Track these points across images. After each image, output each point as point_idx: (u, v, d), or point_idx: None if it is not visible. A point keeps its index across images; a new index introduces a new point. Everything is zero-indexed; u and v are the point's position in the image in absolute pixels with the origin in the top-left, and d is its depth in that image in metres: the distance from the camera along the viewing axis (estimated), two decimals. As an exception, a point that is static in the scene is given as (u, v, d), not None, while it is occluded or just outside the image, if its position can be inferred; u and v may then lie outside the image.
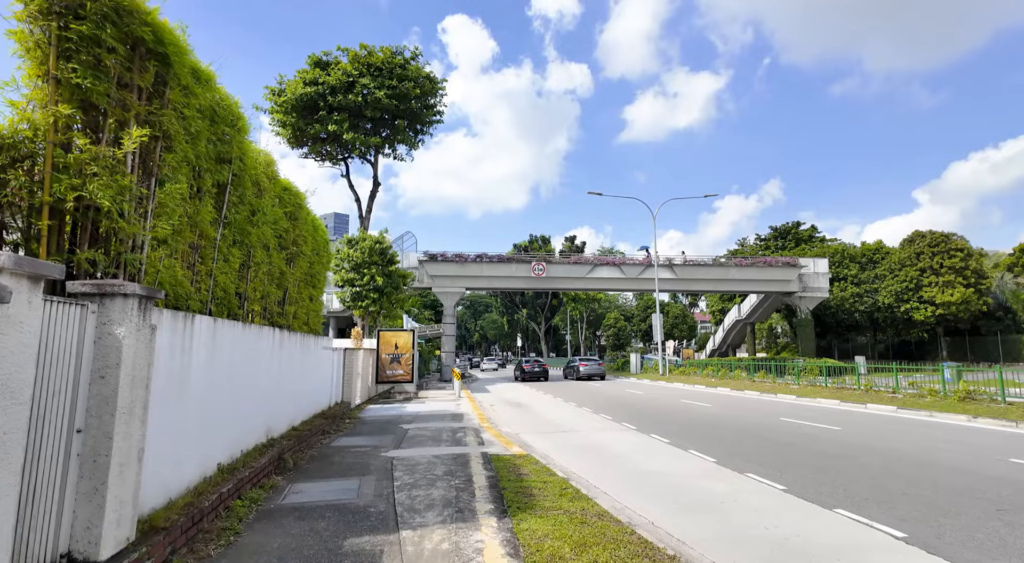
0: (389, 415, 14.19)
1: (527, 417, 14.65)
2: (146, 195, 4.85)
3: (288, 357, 9.44)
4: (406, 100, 29.20)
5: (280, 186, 9.10)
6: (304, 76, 28.31)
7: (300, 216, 10.15)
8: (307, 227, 10.73)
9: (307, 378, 11.06)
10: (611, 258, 36.03)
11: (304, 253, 10.77)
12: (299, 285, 10.88)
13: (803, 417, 13.60)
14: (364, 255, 26.18)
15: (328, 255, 13.29)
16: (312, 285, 12.10)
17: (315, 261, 11.84)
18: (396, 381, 19.36)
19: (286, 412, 9.41)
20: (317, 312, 13.20)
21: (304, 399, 10.85)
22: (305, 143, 31.05)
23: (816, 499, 6.23)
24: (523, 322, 79.62)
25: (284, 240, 9.47)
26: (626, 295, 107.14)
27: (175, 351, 5.05)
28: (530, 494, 6.11)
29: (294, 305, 10.59)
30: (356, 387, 16.20)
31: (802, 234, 50.44)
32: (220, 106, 6.23)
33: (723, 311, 57.98)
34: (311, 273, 11.81)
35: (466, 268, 34.64)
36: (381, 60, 28.74)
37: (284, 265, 9.47)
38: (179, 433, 5.16)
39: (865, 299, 40.13)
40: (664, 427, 12.09)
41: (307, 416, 11.04)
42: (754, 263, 37.01)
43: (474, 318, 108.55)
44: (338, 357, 14.49)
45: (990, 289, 37.70)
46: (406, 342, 19.57)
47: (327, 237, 12.89)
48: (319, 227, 12.09)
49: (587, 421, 13.50)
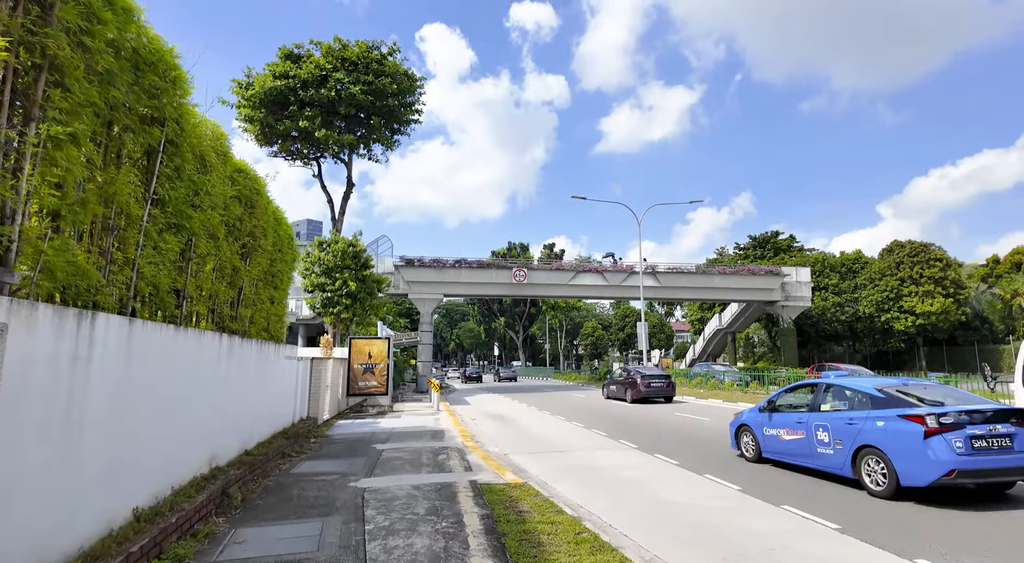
0: (361, 432, 12.77)
1: (514, 433, 13.37)
2: (22, 144, 3.51)
3: (241, 368, 8.03)
4: (382, 97, 27.85)
5: (233, 166, 7.75)
6: (274, 69, 26.77)
7: (258, 204, 8.78)
8: (267, 218, 9.36)
9: (265, 392, 9.63)
10: (593, 265, 35.08)
11: (263, 248, 9.38)
12: (257, 285, 9.48)
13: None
14: (336, 259, 24.69)
15: (293, 253, 11.88)
16: (274, 286, 10.70)
17: (277, 258, 10.45)
18: (369, 393, 17.89)
19: (237, 433, 7.99)
20: (280, 317, 11.78)
21: (261, 416, 9.42)
22: (274, 141, 29.40)
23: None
24: (500, 331, 78.33)
25: (238, 230, 8.10)
26: (603, 304, 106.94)
27: (62, 362, 3.68)
28: (538, 543, 4.85)
29: (251, 308, 9.18)
30: (324, 401, 14.73)
31: (781, 244, 50.34)
32: (147, 49, 4.90)
33: (702, 320, 57.57)
34: (272, 272, 10.42)
35: (444, 274, 33.27)
36: (356, 54, 27.37)
37: (238, 260, 8.09)
38: (70, 474, 3.78)
39: (846, 308, 39.94)
40: (667, 445, 10.95)
41: (265, 436, 9.59)
42: (737, 271, 36.45)
43: (450, 327, 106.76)
44: (304, 368, 13.03)
45: (968, 299, 37.81)
46: (380, 351, 18.13)
47: (292, 232, 11.49)
48: (282, 220, 10.71)
49: (581, 438, 12.29)
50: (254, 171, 8.64)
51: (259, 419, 9.22)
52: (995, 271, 41.50)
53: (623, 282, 35.17)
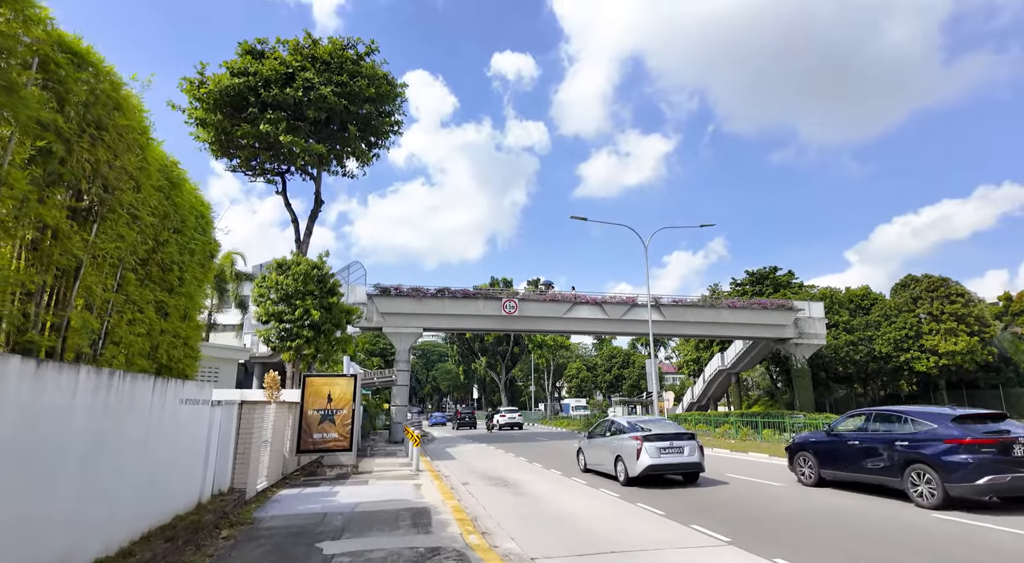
0: (307, 514, 8.65)
1: (531, 512, 9.35)
2: None
3: (58, 421, 4.10)
4: (358, 101, 24.49)
5: (54, 37, 4.06)
6: (232, 66, 23.28)
7: (124, 137, 5.04)
8: (145, 171, 5.59)
9: (132, 458, 5.60)
10: (592, 296, 31.52)
11: (140, 217, 5.57)
12: (125, 276, 5.61)
13: (957, 509, 8.87)
14: (297, 283, 20.71)
15: (207, 243, 8.01)
16: (168, 287, 6.78)
17: (171, 241, 6.59)
18: (327, 449, 13.66)
19: (34, 545, 3.96)
20: (188, 341, 7.84)
21: (120, 501, 5.36)
22: (233, 151, 25.67)
23: None
24: (480, 372, 73.75)
25: (70, 171, 4.34)
26: (586, 344, 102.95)
27: None
28: None
29: (108, 315, 5.33)
30: (260, 463, 10.56)
31: (780, 279, 47.57)
32: None
33: (697, 361, 54.09)
34: (165, 263, 6.54)
35: (424, 304, 29.32)
36: (328, 52, 24.13)
37: (66, 225, 4.30)
38: None
39: (860, 347, 36.84)
40: (761, 532, 7.11)
41: (128, 536, 5.48)
42: (748, 306, 33.28)
43: (426, 368, 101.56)
44: (226, 417, 8.95)
45: (993, 338, 35.11)
46: (344, 393, 14.02)
47: (206, 204, 7.67)
48: (184, 185, 6.92)
49: (633, 520, 8.36)
50: (118, 74, 4.93)
51: (115, 506, 5.16)
52: (1010, 309, 39.16)
53: (624, 316, 31.63)
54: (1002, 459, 8.44)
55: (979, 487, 8.34)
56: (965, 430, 8.85)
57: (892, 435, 9.78)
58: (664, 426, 12.54)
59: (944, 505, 8.65)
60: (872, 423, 10.37)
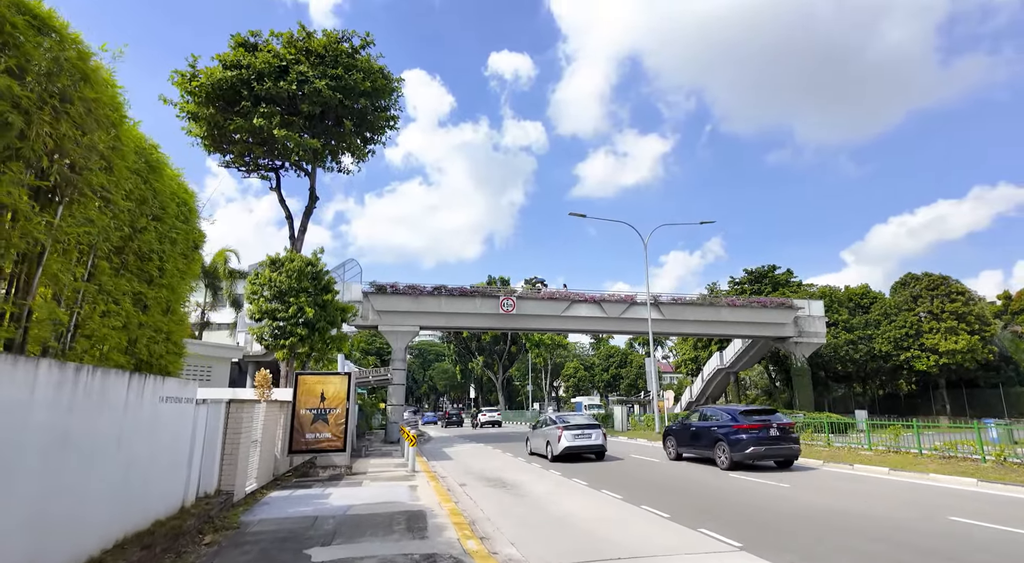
0: (297, 517, 8.27)
1: (530, 513, 8.99)
2: None
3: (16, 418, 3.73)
4: (353, 95, 24.07)
5: None
6: (225, 59, 22.83)
7: (92, 112, 4.66)
8: (119, 151, 5.20)
9: (110, 459, 5.21)
10: (591, 294, 31.15)
11: (113, 201, 5.20)
12: (97, 264, 5.23)
13: (970, 512, 8.57)
14: (291, 280, 20.36)
15: (194, 233, 7.63)
16: (147, 277, 6.40)
17: (150, 228, 6.21)
18: (320, 449, 13.26)
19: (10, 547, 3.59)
20: (171, 336, 7.46)
21: (96, 503, 4.99)
22: (226, 147, 25.23)
23: None
24: (478, 372, 73.37)
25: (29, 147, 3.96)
26: (583, 343, 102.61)
27: None
28: None
29: (79, 305, 4.96)
30: (250, 464, 10.17)
31: (779, 278, 47.32)
32: None
33: (695, 360, 53.86)
34: (143, 252, 6.15)
35: (421, 302, 28.92)
36: (323, 44, 23.71)
37: (26, 205, 3.93)
38: None
39: (860, 346, 36.57)
40: (779, 540, 6.78)
41: (100, 541, 5.08)
42: (747, 304, 32.98)
43: (423, 368, 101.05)
44: (212, 416, 8.57)
45: (994, 337, 34.87)
46: (338, 392, 13.62)
47: (189, 191, 7.29)
48: (164, 170, 6.54)
49: (638, 523, 8.00)
50: (78, 35, 4.54)
51: (83, 511, 4.77)
52: (1010, 308, 38.95)
53: (623, 314, 31.29)
54: (762, 437, 13.44)
55: (746, 454, 13.32)
56: (742, 419, 13.92)
57: (709, 424, 14.90)
58: (580, 419, 17.62)
59: (731, 468, 13.65)
60: (702, 418, 15.61)
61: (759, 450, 13.19)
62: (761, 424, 13.55)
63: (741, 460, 13.41)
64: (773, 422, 13.65)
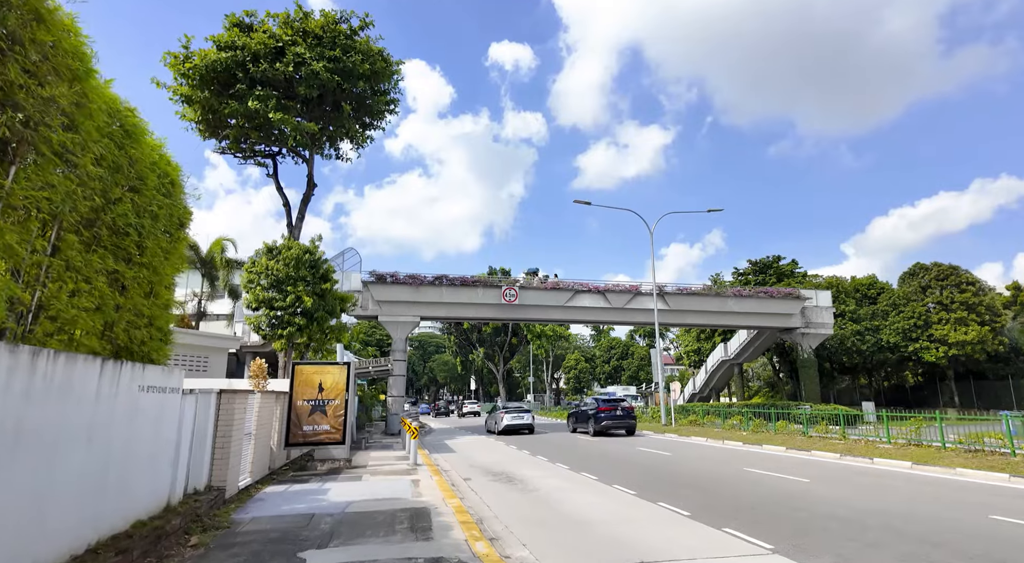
0: (292, 515, 7.75)
1: (540, 512, 8.46)
2: None
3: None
4: (351, 78, 23.37)
5: None
6: (219, 40, 22.12)
7: (49, 59, 4.08)
8: (84, 109, 4.61)
9: (79, 454, 4.65)
10: (595, 284, 30.59)
11: (79, 165, 4.62)
12: (71, 242, 4.67)
13: (1012, 511, 8.05)
14: (289, 268, 19.74)
15: (178, 209, 7.05)
16: (125, 255, 5.82)
17: (125, 199, 5.62)
18: (318, 442, 12.74)
19: None
20: (155, 321, 6.90)
21: (61, 504, 4.43)
22: (221, 132, 24.55)
23: None
24: (478, 363, 72.90)
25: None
26: (584, 335, 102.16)
27: None
28: None
29: (64, 288, 4.40)
30: (242, 458, 9.64)
31: (783, 269, 46.65)
32: None
33: (698, 351, 53.36)
34: (118, 226, 5.56)
35: (422, 292, 28.35)
36: (321, 25, 22.98)
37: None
38: None
39: (867, 337, 36.04)
40: (803, 540, 6.25)
41: (69, 546, 4.52)
42: (754, 294, 32.41)
43: (423, 360, 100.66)
44: (202, 407, 8.01)
45: (1004, 328, 34.32)
46: (336, 382, 13.08)
47: (173, 164, 6.69)
48: (143, 137, 5.94)
49: (656, 523, 7.47)
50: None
51: (45, 512, 4.22)
52: (1019, 299, 38.37)
53: (627, 304, 30.74)
54: (611, 415, 22.33)
55: (600, 427, 22.14)
56: (603, 404, 23.15)
57: (587, 407, 24.05)
58: (518, 406, 26.63)
59: (594, 435, 22.07)
60: (583, 405, 25.17)
61: (609, 424, 22.13)
62: (611, 406, 22.70)
63: (600, 430, 22.15)
64: (619, 407, 22.68)
